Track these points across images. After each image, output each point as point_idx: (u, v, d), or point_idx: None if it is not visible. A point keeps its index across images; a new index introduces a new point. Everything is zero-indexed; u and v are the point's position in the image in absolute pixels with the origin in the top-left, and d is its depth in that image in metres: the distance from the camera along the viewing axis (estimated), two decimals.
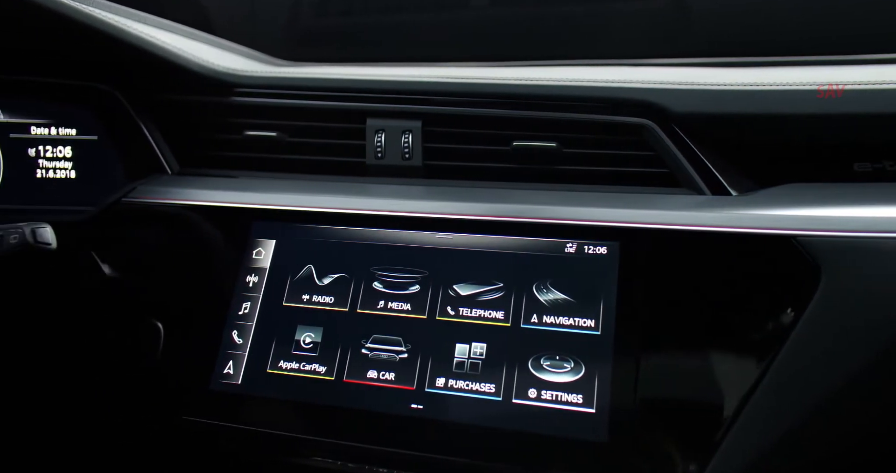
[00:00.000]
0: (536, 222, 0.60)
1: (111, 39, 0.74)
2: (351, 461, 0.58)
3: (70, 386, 0.71)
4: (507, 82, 0.73)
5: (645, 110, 0.67)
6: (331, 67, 0.89)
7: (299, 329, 0.63)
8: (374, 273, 0.63)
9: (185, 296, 0.68)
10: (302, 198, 0.68)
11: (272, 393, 0.61)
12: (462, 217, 0.63)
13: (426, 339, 0.60)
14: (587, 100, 0.69)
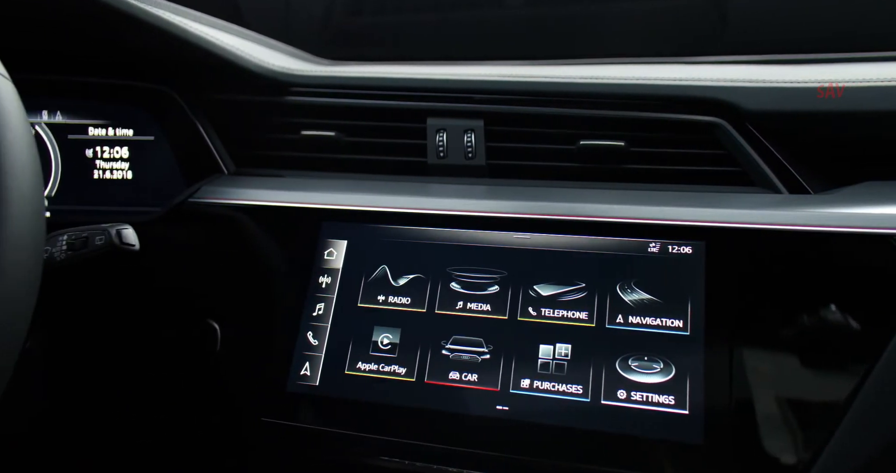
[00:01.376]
0: (618, 222, 0.59)
1: (175, 39, 0.73)
2: (435, 462, 0.57)
3: (148, 388, 0.70)
4: (574, 81, 0.72)
5: (717, 108, 0.65)
6: (386, 66, 0.88)
7: (376, 330, 0.62)
8: (450, 273, 0.62)
9: (257, 297, 0.66)
10: (372, 198, 0.67)
11: (351, 395, 0.60)
12: (540, 217, 0.61)
13: (508, 340, 0.58)
14: (657, 98, 0.67)
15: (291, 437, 0.60)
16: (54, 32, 0.74)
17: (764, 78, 0.65)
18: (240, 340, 0.65)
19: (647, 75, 0.71)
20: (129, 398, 0.69)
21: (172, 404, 0.67)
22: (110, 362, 0.70)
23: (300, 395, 0.61)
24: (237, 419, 0.62)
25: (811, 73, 0.67)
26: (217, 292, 0.69)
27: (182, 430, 0.67)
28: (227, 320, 0.66)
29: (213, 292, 0.69)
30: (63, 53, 0.79)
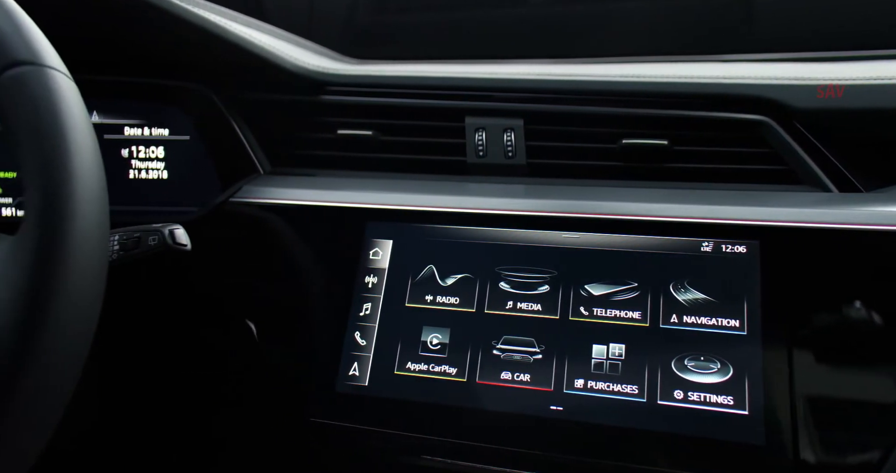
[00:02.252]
0: (670, 221, 0.58)
1: (216, 39, 0.72)
2: (488, 463, 0.57)
3: (196, 389, 0.69)
4: (617, 80, 0.71)
5: (763, 106, 0.65)
6: (419, 65, 0.87)
7: (425, 329, 0.61)
8: (499, 273, 0.61)
9: (302, 297, 0.66)
10: (417, 198, 0.66)
11: (401, 395, 0.59)
12: (590, 216, 0.61)
13: (560, 340, 0.58)
14: (703, 97, 0.66)
15: (341, 437, 0.60)
16: (94, 32, 0.73)
17: (811, 75, 0.65)
18: (286, 340, 0.65)
19: (689, 73, 0.71)
20: (176, 399, 0.68)
21: (220, 405, 0.67)
22: (156, 363, 0.70)
23: (349, 395, 0.60)
24: (287, 419, 0.62)
25: (859, 70, 0.66)
26: (261, 292, 0.68)
27: (231, 431, 0.67)
28: (272, 320, 0.66)
29: (256, 292, 0.68)
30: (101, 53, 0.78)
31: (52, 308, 0.39)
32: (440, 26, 1.16)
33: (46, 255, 0.40)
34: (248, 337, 0.65)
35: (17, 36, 0.43)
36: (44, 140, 0.42)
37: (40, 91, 0.43)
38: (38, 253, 0.40)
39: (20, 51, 0.43)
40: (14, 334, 0.38)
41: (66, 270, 0.40)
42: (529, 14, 1.13)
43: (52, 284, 0.39)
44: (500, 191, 0.69)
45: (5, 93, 0.42)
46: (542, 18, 1.11)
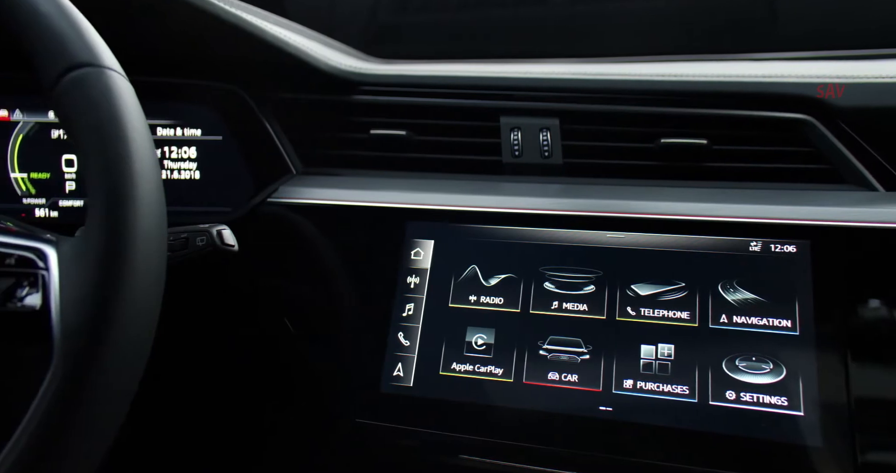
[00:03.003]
0: (718, 220, 0.58)
1: (253, 39, 0.72)
2: (537, 463, 0.56)
3: (242, 389, 0.69)
4: (655, 79, 0.70)
5: (806, 105, 0.64)
6: (449, 65, 0.86)
7: (469, 330, 0.60)
8: (543, 273, 0.61)
9: (344, 298, 0.65)
10: (458, 198, 0.66)
11: (447, 395, 0.59)
12: (636, 216, 0.60)
13: (608, 340, 0.57)
14: (743, 96, 0.66)
15: (387, 438, 0.59)
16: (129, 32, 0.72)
17: (853, 73, 0.64)
18: (328, 341, 0.64)
19: (726, 72, 0.70)
20: (221, 399, 0.68)
21: (267, 406, 0.66)
22: (201, 365, 0.69)
23: (395, 396, 0.60)
24: (332, 420, 0.61)
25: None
26: (301, 292, 0.67)
27: (278, 431, 0.66)
28: (313, 321, 0.65)
29: (296, 292, 0.68)
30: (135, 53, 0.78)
31: (119, 308, 0.39)
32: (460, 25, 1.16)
33: (113, 256, 0.40)
34: (290, 338, 0.64)
35: (76, 38, 0.43)
36: (106, 141, 0.42)
37: (101, 92, 0.42)
38: (104, 253, 0.40)
39: (81, 53, 0.43)
40: (84, 334, 0.38)
41: (131, 270, 0.40)
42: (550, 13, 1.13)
43: (119, 285, 0.39)
44: (540, 190, 0.68)
45: (67, 94, 0.42)
46: (563, 17, 1.10)
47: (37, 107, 0.82)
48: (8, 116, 0.82)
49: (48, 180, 0.83)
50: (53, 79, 0.42)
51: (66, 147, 0.83)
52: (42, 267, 0.41)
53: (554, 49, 1.05)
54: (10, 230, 0.45)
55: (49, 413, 0.36)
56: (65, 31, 0.43)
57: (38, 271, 0.41)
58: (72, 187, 0.83)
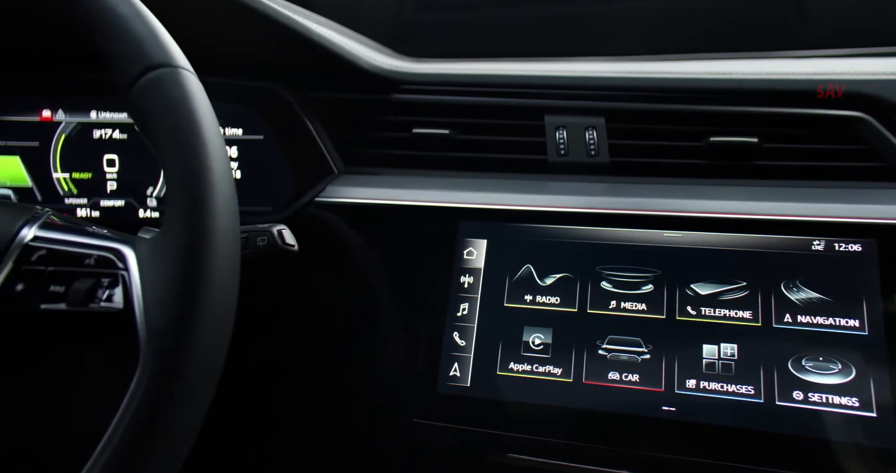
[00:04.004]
0: (778, 219, 0.56)
1: (300, 38, 0.71)
2: (598, 464, 0.55)
3: (299, 390, 0.68)
4: (703, 77, 0.69)
5: (860, 103, 0.63)
6: (489, 63, 0.85)
7: (526, 330, 0.60)
8: (600, 272, 0.60)
9: (397, 297, 0.64)
10: (512, 197, 0.65)
11: (505, 395, 0.58)
12: (694, 215, 0.59)
13: (668, 340, 0.56)
14: (795, 93, 0.65)
15: (445, 438, 0.58)
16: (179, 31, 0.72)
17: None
18: (382, 341, 0.63)
19: (775, 70, 0.69)
20: (278, 400, 0.67)
21: (321, 406, 0.65)
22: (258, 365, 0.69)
23: (452, 396, 0.59)
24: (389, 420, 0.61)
25: None
26: (353, 292, 0.67)
27: (331, 432, 0.66)
28: (365, 320, 0.64)
29: (349, 291, 0.67)
30: None
31: (202, 308, 0.38)
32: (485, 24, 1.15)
33: (195, 256, 0.39)
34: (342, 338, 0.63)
35: (151, 39, 0.42)
36: (185, 142, 0.41)
37: (179, 93, 0.42)
38: (186, 254, 0.39)
39: (157, 54, 0.42)
40: (170, 334, 0.37)
41: (212, 270, 0.39)
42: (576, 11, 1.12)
43: (202, 284, 0.38)
44: (590, 189, 0.67)
45: (145, 95, 0.41)
46: (590, 15, 1.10)
47: (79, 107, 0.81)
48: (51, 117, 0.81)
49: (90, 180, 0.82)
50: (131, 80, 0.41)
51: (108, 147, 0.82)
52: (121, 267, 0.41)
53: (582, 47, 1.04)
54: (86, 231, 0.44)
55: (139, 412, 0.36)
56: (141, 32, 0.42)
57: (118, 271, 0.40)
58: (113, 187, 0.82)
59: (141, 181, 0.81)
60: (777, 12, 1.00)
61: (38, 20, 0.64)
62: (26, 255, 0.42)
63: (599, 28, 1.07)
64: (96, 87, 0.81)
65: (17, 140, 0.81)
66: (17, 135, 0.81)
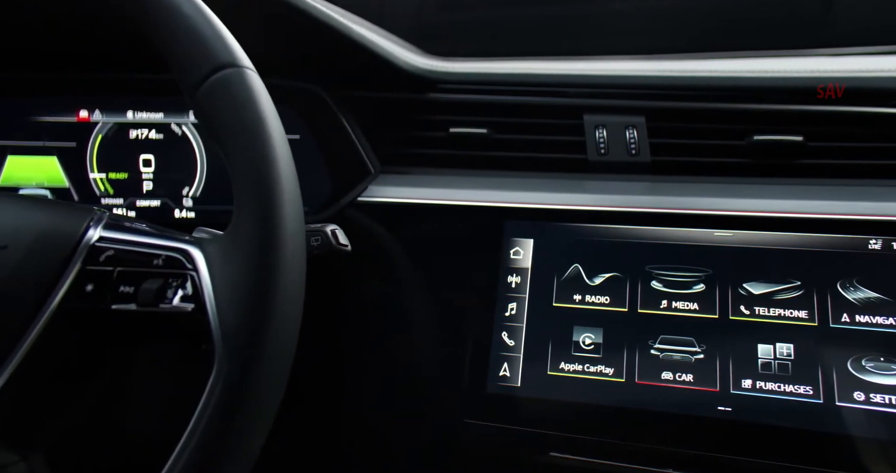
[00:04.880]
0: (832, 218, 0.55)
1: (341, 38, 0.70)
2: (653, 464, 0.54)
3: (349, 391, 0.67)
4: (746, 75, 0.69)
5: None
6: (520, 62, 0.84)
7: (576, 330, 0.59)
8: (650, 272, 0.59)
9: (443, 297, 0.64)
10: (556, 196, 0.64)
11: (556, 395, 0.57)
12: (744, 214, 0.58)
13: (722, 339, 0.55)
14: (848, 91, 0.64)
15: (496, 438, 0.58)
16: None
17: None
18: (429, 341, 0.63)
19: (820, 68, 0.68)
20: (329, 402, 0.67)
21: (370, 407, 0.65)
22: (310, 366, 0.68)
23: (502, 396, 0.58)
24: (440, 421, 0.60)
25: None
26: (396, 292, 0.66)
27: (381, 432, 0.65)
28: (410, 321, 0.64)
29: (392, 292, 0.66)
30: None
31: (275, 308, 0.38)
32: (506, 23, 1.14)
33: (267, 257, 0.39)
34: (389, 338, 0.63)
35: (217, 39, 0.42)
36: (254, 142, 0.40)
37: (245, 93, 0.41)
38: (259, 255, 0.39)
39: (223, 54, 0.42)
40: (245, 335, 0.37)
41: (283, 270, 0.39)
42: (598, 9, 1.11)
43: (274, 284, 0.38)
44: (634, 188, 0.66)
45: (212, 95, 0.41)
46: (611, 13, 1.09)
47: (116, 107, 0.80)
48: (88, 117, 0.81)
49: (126, 180, 0.81)
50: (198, 81, 0.41)
51: (144, 147, 0.81)
52: (190, 267, 0.40)
53: (605, 45, 1.03)
54: (150, 231, 0.44)
55: (217, 413, 0.35)
56: (207, 33, 0.42)
57: (187, 271, 0.40)
58: (149, 187, 0.81)
59: (177, 181, 0.81)
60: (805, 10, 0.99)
61: (96, 22, 0.63)
62: (94, 256, 0.41)
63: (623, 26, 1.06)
64: (133, 87, 0.81)
65: (54, 140, 0.80)
66: (54, 135, 0.80)
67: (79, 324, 0.40)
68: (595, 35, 1.07)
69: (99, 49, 0.74)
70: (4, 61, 0.78)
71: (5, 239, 0.39)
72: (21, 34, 0.72)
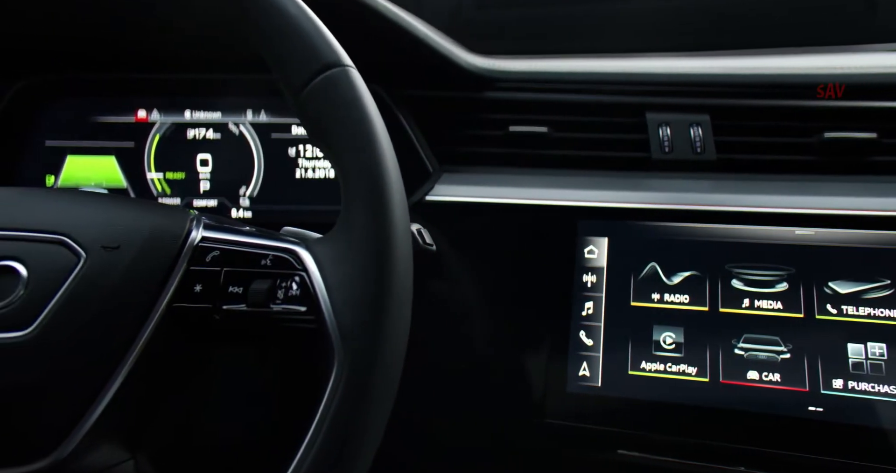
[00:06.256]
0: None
1: (406, 36, 0.69)
2: (739, 464, 0.53)
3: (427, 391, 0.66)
4: (817, 72, 0.67)
5: None
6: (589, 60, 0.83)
7: (656, 329, 0.58)
8: (730, 271, 0.58)
9: (518, 297, 0.63)
10: (631, 195, 0.62)
11: (638, 395, 0.56)
12: (826, 212, 0.57)
13: (809, 339, 0.53)
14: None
15: (577, 438, 0.56)
16: None
17: None
18: (508, 341, 0.62)
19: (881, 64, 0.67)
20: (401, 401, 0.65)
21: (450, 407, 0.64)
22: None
23: (583, 396, 0.56)
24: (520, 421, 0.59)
25: None
26: (469, 292, 0.65)
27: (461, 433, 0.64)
28: (484, 321, 0.62)
29: (465, 292, 0.65)
30: None
31: (392, 308, 0.37)
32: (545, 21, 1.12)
33: (384, 258, 0.38)
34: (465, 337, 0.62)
35: (321, 39, 0.41)
36: (363, 143, 0.39)
37: (352, 92, 0.40)
38: (376, 256, 0.38)
39: (328, 54, 0.41)
40: (366, 336, 0.36)
41: (398, 268, 0.38)
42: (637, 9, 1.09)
43: (391, 285, 0.37)
44: (703, 186, 0.65)
45: (319, 95, 0.40)
46: (652, 12, 1.07)
47: (174, 107, 0.80)
48: (146, 117, 0.80)
49: (183, 180, 0.80)
50: (305, 81, 0.40)
51: (201, 147, 0.80)
52: (299, 267, 0.39)
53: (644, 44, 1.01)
54: (252, 232, 0.43)
55: (340, 414, 0.34)
56: (312, 33, 0.41)
57: (296, 272, 0.39)
58: (206, 187, 0.80)
59: (234, 181, 0.80)
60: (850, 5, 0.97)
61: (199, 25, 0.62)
62: (199, 256, 0.40)
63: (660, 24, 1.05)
64: (191, 87, 0.80)
65: (112, 140, 0.79)
66: (112, 135, 0.79)
67: (188, 324, 0.39)
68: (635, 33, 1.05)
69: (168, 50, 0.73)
70: (64, 63, 0.77)
71: (118, 240, 0.38)
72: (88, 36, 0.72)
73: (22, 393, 0.34)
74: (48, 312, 0.35)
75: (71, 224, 0.38)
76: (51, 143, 0.79)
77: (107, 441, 0.37)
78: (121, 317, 0.37)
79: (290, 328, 0.38)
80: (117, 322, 0.37)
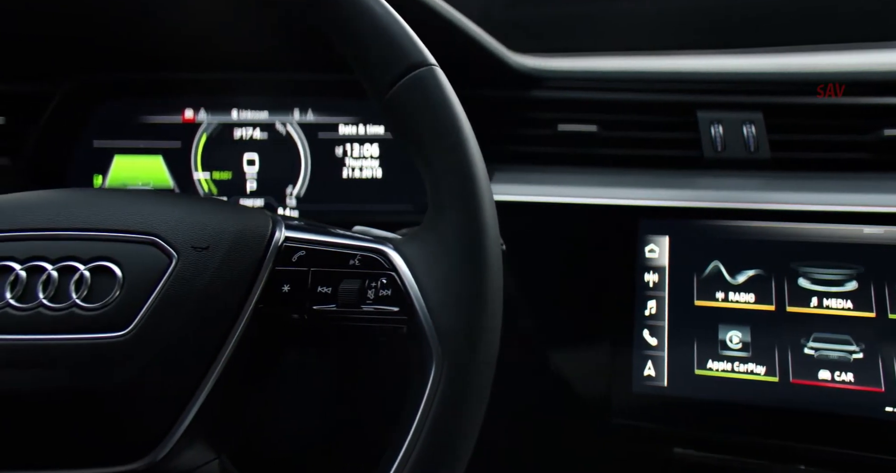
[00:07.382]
0: None
1: (459, 35, 0.68)
2: (810, 465, 0.52)
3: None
4: (873, 69, 0.66)
5: None
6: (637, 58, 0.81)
7: (721, 328, 0.56)
8: (796, 269, 0.57)
9: (580, 296, 0.62)
10: (693, 194, 0.61)
11: (706, 395, 0.54)
12: (893, 210, 0.56)
13: (882, 338, 0.52)
14: None
15: (645, 439, 0.56)
16: None
17: None
18: (569, 341, 0.61)
19: None
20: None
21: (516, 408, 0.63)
22: None
23: (649, 396, 0.56)
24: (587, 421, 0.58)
25: None
26: (529, 292, 0.64)
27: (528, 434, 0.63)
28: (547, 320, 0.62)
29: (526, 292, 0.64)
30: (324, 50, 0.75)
31: (489, 304, 0.36)
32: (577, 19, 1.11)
33: (479, 259, 0.37)
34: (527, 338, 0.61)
35: (407, 39, 0.40)
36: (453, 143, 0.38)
37: (440, 92, 0.40)
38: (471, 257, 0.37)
39: (414, 53, 0.40)
40: (465, 337, 0.35)
41: (492, 269, 0.37)
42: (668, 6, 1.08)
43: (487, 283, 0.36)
44: (761, 185, 0.64)
45: (406, 95, 0.39)
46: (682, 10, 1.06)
47: (221, 107, 0.79)
48: (193, 117, 0.79)
49: (230, 180, 0.80)
50: (392, 81, 0.39)
51: (248, 147, 0.80)
52: (388, 267, 0.38)
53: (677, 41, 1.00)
54: (335, 232, 0.42)
55: (442, 416, 0.33)
56: (398, 32, 0.40)
57: (386, 272, 0.38)
58: (252, 187, 0.80)
59: (280, 180, 0.79)
60: None
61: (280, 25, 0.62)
62: (284, 257, 0.39)
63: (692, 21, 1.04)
64: (238, 87, 0.79)
65: (159, 140, 0.79)
66: (159, 135, 0.78)
67: (275, 324, 0.38)
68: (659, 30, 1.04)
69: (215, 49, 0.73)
70: (112, 63, 0.77)
71: (207, 240, 0.37)
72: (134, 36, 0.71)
73: (121, 394, 0.33)
74: (145, 312, 0.35)
75: (159, 224, 0.38)
76: (98, 144, 0.79)
77: (199, 442, 0.36)
78: (213, 317, 0.36)
79: (380, 328, 0.38)
80: (210, 322, 0.36)
